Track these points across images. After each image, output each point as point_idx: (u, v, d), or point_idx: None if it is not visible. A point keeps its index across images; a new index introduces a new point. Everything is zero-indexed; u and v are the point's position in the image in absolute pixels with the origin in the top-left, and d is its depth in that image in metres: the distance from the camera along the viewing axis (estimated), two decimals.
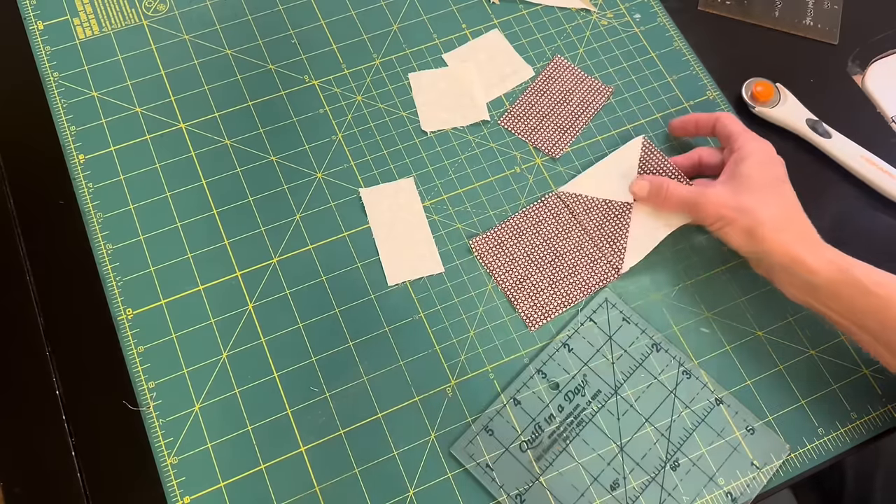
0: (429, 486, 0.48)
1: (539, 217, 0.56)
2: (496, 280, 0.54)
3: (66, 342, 0.51)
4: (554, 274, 0.54)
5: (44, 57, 0.59)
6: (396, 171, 0.57)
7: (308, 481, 0.48)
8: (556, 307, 0.53)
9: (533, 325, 0.53)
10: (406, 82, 0.60)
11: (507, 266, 0.54)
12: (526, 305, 0.53)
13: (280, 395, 0.50)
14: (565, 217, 0.56)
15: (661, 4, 0.65)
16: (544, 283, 0.54)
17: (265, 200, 0.55)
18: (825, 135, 0.59)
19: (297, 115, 0.58)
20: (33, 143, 0.57)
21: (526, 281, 0.54)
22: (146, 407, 0.49)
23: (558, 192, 0.56)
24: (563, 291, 0.54)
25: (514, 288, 0.54)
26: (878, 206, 0.59)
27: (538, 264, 0.54)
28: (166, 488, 0.47)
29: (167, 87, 0.59)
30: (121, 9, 0.61)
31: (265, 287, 0.53)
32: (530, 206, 0.56)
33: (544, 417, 0.50)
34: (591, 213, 0.55)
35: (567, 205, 0.56)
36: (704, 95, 0.62)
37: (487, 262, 0.54)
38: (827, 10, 0.66)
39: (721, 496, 0.49)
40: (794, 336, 0.54)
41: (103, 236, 0.53)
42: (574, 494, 0.48)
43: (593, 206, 0.55)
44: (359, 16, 0.63)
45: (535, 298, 0.53)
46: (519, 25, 0.63)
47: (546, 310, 0.53)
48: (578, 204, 0.56)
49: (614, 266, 0.54)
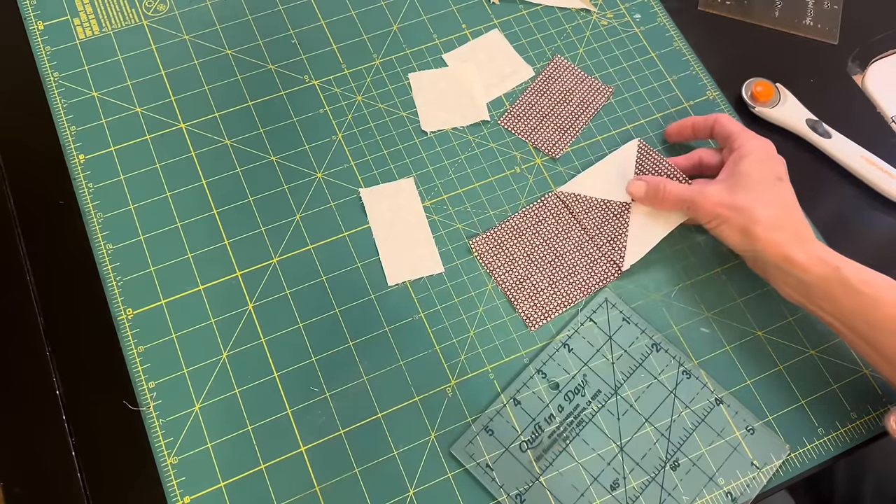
0: (429, 486, 0.48)
1: (539, 217, 0.56)
2: (496, 280, 0.54)
3: (66, 342, 0.51)
4: (554, 274, 0.54)
5: (44, 57, 0.59)
6: (396, 171, 0.57)
7: (308, 481, 0.48)
8: (557, 307, 0.53)
9: (533, 325, 0.53)
10: (406, 82, 0.60)
11: (507, 266, 0.54)
12: (526, 305, 0.53)
13: (280, 395, 0.50)
14: (565, 217, 0.56)
15: (661, 4, 0.65)
16: (544, 283, 0.54)
17: (265, 200, 0.56)
18: (825, 135, 0.59)
19: (297, 115, 0.58)
20: (33, 143, 0.57)
21: (526, 281, 0.54)
22: (146, 407, 0.49)
23: (558, 192, 0.56)
24: (564, 291, 0.54)
25: (514, 288, 0.54)
26: (877, 206, 0.59)
27: (538, 264, 0.54)
28: (166, 488, 0.47)
29: (167, 87, 0.59)
30: (121, 9, 0.61)
31: (265, 287, 0.53)
32: (530, 206, 0.56)
33: (544, 417, 0.50)
34: (590, 213, 0.55)
35: (567, 205, 0.56)
36: (704, 95, 0.62)
37: (487, 262, 0.54)
38: (827, 10, 0.66)
39: (721, 496, 0.49)
40: (794, 336, 0.54)
41: (103, 236, 0.53)
42: (574, 494, 0.48)
43: (593, 205, 0.55)
44: (359, 16, 0.63)
45: (535, 298, 0.53)
46: (519, 25, 0.63)
47: (546, 310, 0.53)
48: (578, 204, 0.56)
49: (615, 265, 0.54)
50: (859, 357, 0.53)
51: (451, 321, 0.53)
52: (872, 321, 0.46)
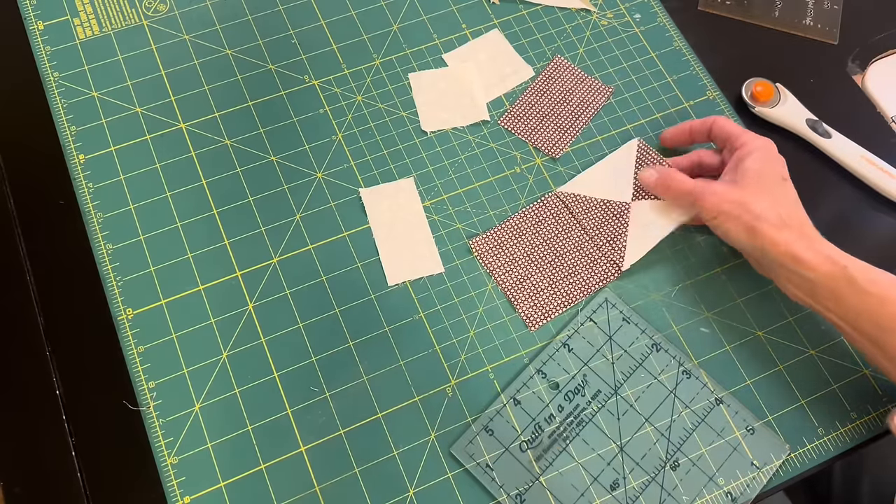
0: (429, 486, 0.48)
1: (539, 217, 0.56)
2: (496, 280, 0.54)
3: (66, 342, 0.51)
4: (554, 274, 0.54)
5: (44, 57, 0.59)
6: (396, 171, 0.57)
7: (308, 481, 0.48)
8: (557, 307, 0.53)
9: (533, 325, 0.53)
10: (406, 82, 0.60)
11: (506, 266, 0.54)
12: (526, 305, 0.53)
13: (280, 395, 0.50)
14: (565, 217, 0.56)
15: (661, 4, 0.65)
16: (544, 283, 0.54)
17: (265, 200, 0.56)
18: (825, 135, 0.59)
19: (297, 115, 0.58)
20: (33, 143, 0.57)
21: (526, 281, 0.54)
22: (146, 407, 0.49)
23: (558, 192, 0.56)
24: (564, 291, 0.54)
25: (514, 288, 0.54)
26: (878, 206, 0.59)
27: (538, 264, 0.54)
28: (166, 488, 0.47)
29: (167, 87, 0.59)
30: (121, 9, 0.61)
31: (265, 287, 0.53)
32: (530, 206, 0.56)
33: (544, 417, 0.50)
34: (590, 213, 0.55)
35: (566, 205, 0.56)
36: (704, 95, 0.62)
37: (487, 263, 0.54)
38: (827, 10, 0.66)
39: (721, 496, 0.49)
40: (794, 336, 0.54)
41: (103, 236, 0.53)
42: (574, 494, 0.48)
43: (592, 205, 0.55)
44: (359, 16, 0.63)
45: (535, 298, 0.53)
46: (519, 25, 0.63)
47: (546, 310, 0.53)
48: (578, 204, 0.56)
49: (614, 265, 0.54)
50: (859, 357, 0.53)
51: (451, 321, 0.53)
52: (879, 321, 0.45)
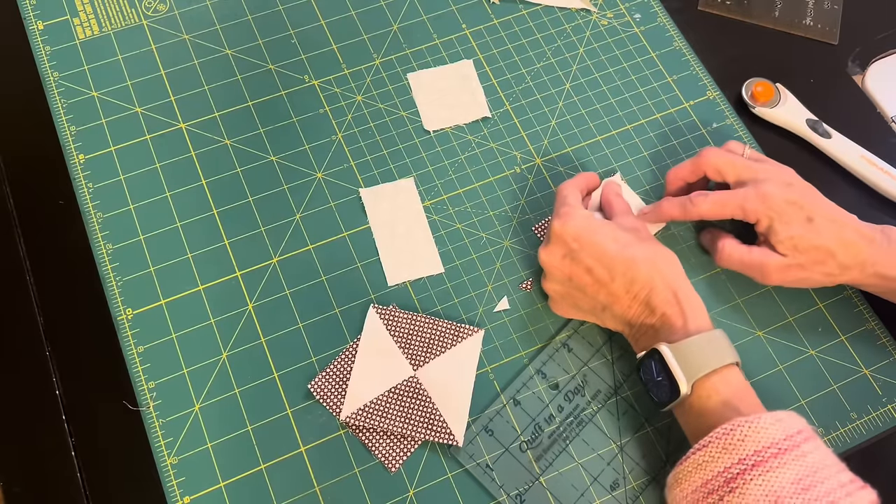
0: (429, 486, 0.48)
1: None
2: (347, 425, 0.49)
3: (66, 342, 0.51)
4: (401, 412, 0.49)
5: (44, 57, 0.59)
6: (396, 171, 0.57)
7: (308, 481, 0.48)
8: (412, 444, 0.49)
9: (392, 466, 0.48)
10: (406, 82, 0.60)
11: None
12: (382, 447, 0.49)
13: (280, 395, 0.50)
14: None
15: (661, 4, 0.65)
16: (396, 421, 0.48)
17: (265, 200, 0.56)
18: (825, 135, 0.59)
19: (297, 115, 0.58)
20: (33, 143, 0.57)
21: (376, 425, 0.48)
22: (146, 407, 0.49)
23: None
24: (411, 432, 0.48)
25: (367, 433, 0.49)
26: (878, 206, 0.59)
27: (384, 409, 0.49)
28: (166, 488, 0.47)
29: (167, 87, 0.59)
30: (121, 9, 0.61)
31: (265, 287, 0.53)
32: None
33: (544, 417, 0.50)
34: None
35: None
36: (704, 95, 0.62)
37: (329, 404, 0.49)
38: (827, 10, 0.66)
39: None
40: (794, 336, 0.54)
41: (103, 236, 0.53)
42: (574, 494, 0.48)
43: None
44: (359, 16, 0.63)
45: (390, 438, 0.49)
46: (519, 25, 0.63)
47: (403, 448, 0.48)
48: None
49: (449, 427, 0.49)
50: (860, 357, 0.53)
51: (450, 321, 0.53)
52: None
